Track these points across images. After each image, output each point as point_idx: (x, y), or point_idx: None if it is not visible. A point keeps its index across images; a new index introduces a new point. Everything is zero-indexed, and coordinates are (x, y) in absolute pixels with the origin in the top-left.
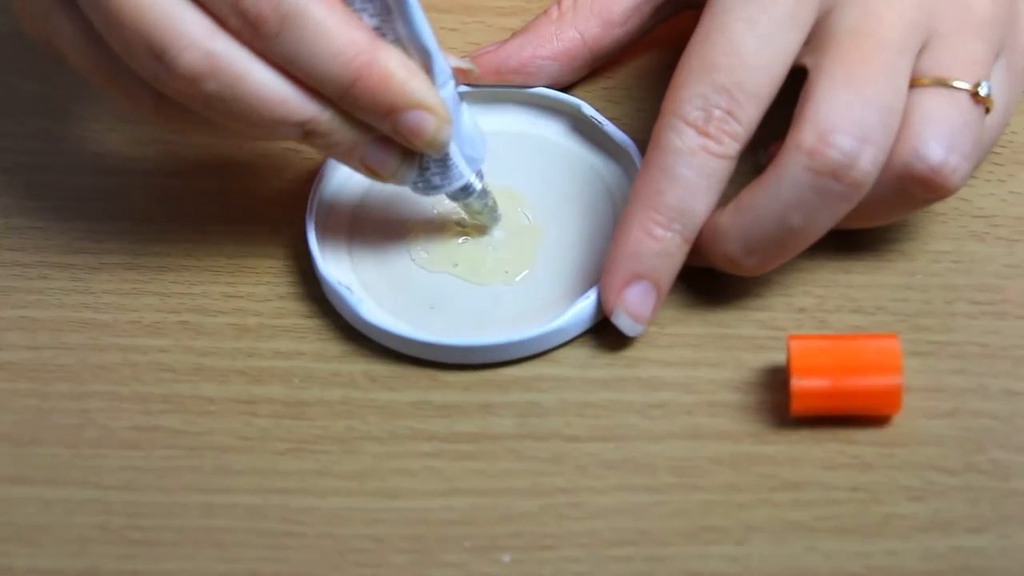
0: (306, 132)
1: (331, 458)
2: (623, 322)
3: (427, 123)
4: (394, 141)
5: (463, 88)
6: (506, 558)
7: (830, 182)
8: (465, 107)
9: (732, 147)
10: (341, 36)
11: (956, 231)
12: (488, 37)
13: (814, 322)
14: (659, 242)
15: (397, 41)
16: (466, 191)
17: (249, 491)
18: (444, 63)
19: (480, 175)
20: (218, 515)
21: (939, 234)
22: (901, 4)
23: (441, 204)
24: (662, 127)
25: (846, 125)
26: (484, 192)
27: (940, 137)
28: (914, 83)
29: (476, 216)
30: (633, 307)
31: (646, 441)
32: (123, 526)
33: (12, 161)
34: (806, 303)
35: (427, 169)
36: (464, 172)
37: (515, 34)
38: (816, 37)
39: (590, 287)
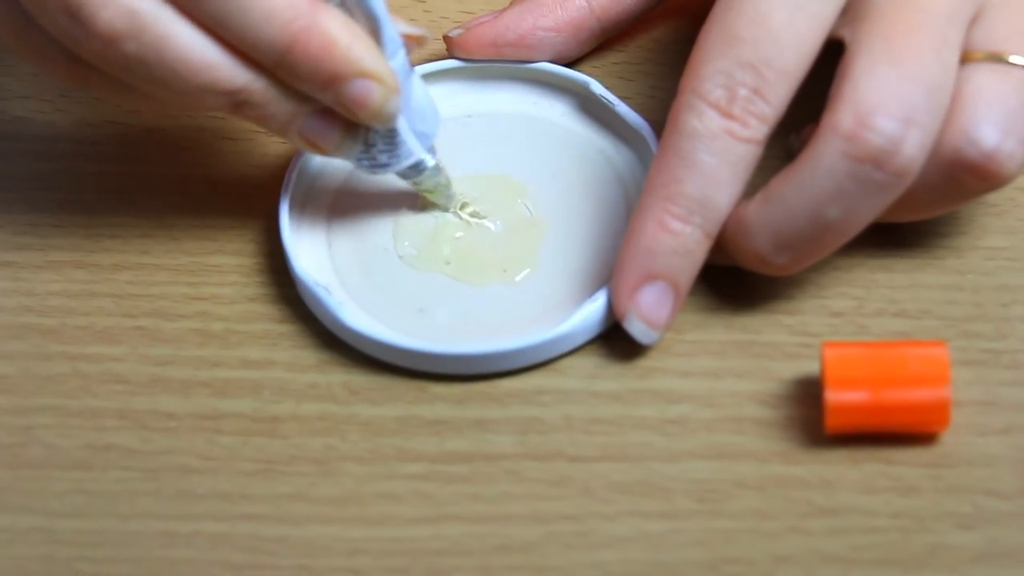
0: (237, 102)
1: (306, 481)
2: (636, 328)
3: (373, 93)
4: (336, 113)
5: (456, 64)
6: None
7: (871, 170)
8: (418, 78)
9: (759, 130)
10: None
11: (1012, 225)
12: (485, 6)
13: (851, 327)
14: (677, 237)
15: (342, 5)
16: (417, 169)
17: (214, 518)
18: (394, 30)
19: (433, 151)
20: (179, 545)
21: (993, 228)
22: None
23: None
24: (680, 108)
25: (889, 105)
26: (437, 169)
27: (994, 119)
28: (965, 58)
29: (429, 195)
30: (648, 311)
31: (662, 461)
32: (71, 557)
33: None
34: (842, 306)
35: (373, 145)
36: (414, 149)
37: (514, 3)
38: (854, 6)
39: (599, 288)
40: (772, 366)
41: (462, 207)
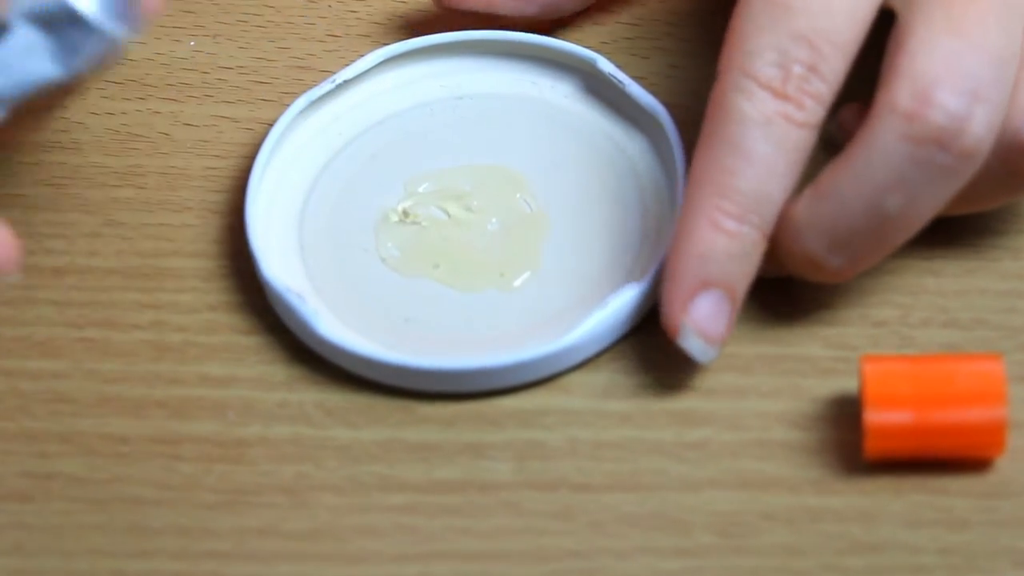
0: None
1: (276, 513)
2: (694, 345)
3: None
4: None
5: (444, 39)
6: None
7: (935, 152)
8: (26, 31)
9: (816, 113)
10: None
11: None
12: None
13: (896, 339)
14: (733, 239)
15: None
16: None
17: (172, 555)
18: None
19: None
20: None
21: None
22: None
23: (415, 190)
24: (727, 89)
25: (952, 79)
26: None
27: None
28: None
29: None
30: (705, 324)
31: (679, 491)
32: None
33: None
34: (885, 315)
35: None
36: None
37: None
38: None
39: (609, 293)
40: (805, 383)
41: (453, 201)
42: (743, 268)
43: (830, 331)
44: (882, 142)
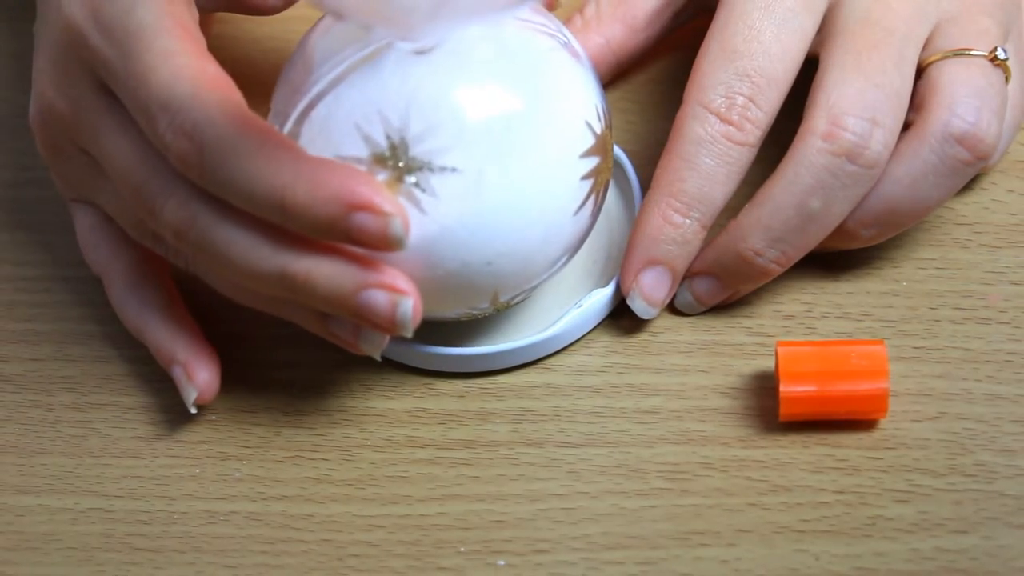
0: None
1: (329, 465)
2: (638, 305)
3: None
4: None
5: None
6: (501, 562)
7: (845, 163)
8: None
9: (753, 134)
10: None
11: (940, 238)
12: None
13: (802, 329)
14: (677, 229)
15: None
16: None
17: (249, 498)
18: None
19: None
20: (219, 523)
21: (923, 241)
22: None
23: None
24: (686, 115)
25: (857, 108)
26: None
27: (969, 95)
28: (932, 60)
29: None
30: (648, 291)
31: (638, 446)
32: (126, 534)
33: (15, 178)
34: (794, 310)
35: None
36: None
37: None
38: (827, 26)
39: (582, 295)
40: (733, 363)
41: None
42: (684, 252)
43: (752, 323)
44: (805, 156)
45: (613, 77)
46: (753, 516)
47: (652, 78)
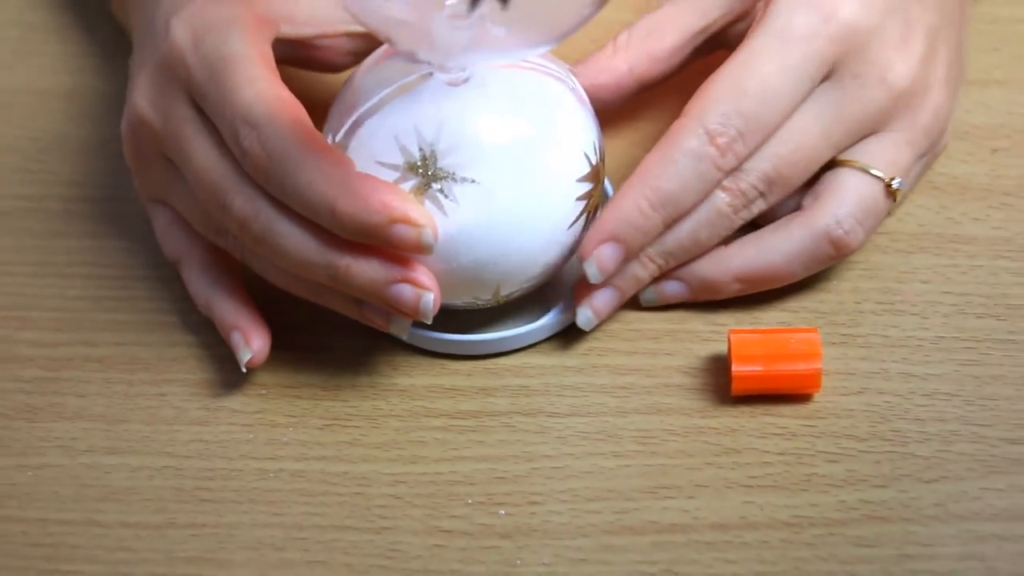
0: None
1: (361, 432)
2: (591, 271)
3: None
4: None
5: None
6: (501, 512)
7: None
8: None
9: (731, 164)
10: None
11: (864, 245)
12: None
13: (749, 319)
14: (644, 219)
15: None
16: None
17: (294, 459)
18: None
19: None
20: (269, 478)
21: None
22: (877, 90)
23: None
24: (684, 127)
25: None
26: None
27: (853, 211)
28: (843, 162)
29: None
30: (602, 261)
31: (614, 416)
32: (194, 488)
33: (100, 194)
34: (743, 304)
35: None
36: None
37: (575, 63)
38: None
39: (559, 300)
40: (693, 347)
41: None
42: (641, 237)
43: (708, 315)
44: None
45: (633, 99)
46: (709, 473)
47: (624, 114)
